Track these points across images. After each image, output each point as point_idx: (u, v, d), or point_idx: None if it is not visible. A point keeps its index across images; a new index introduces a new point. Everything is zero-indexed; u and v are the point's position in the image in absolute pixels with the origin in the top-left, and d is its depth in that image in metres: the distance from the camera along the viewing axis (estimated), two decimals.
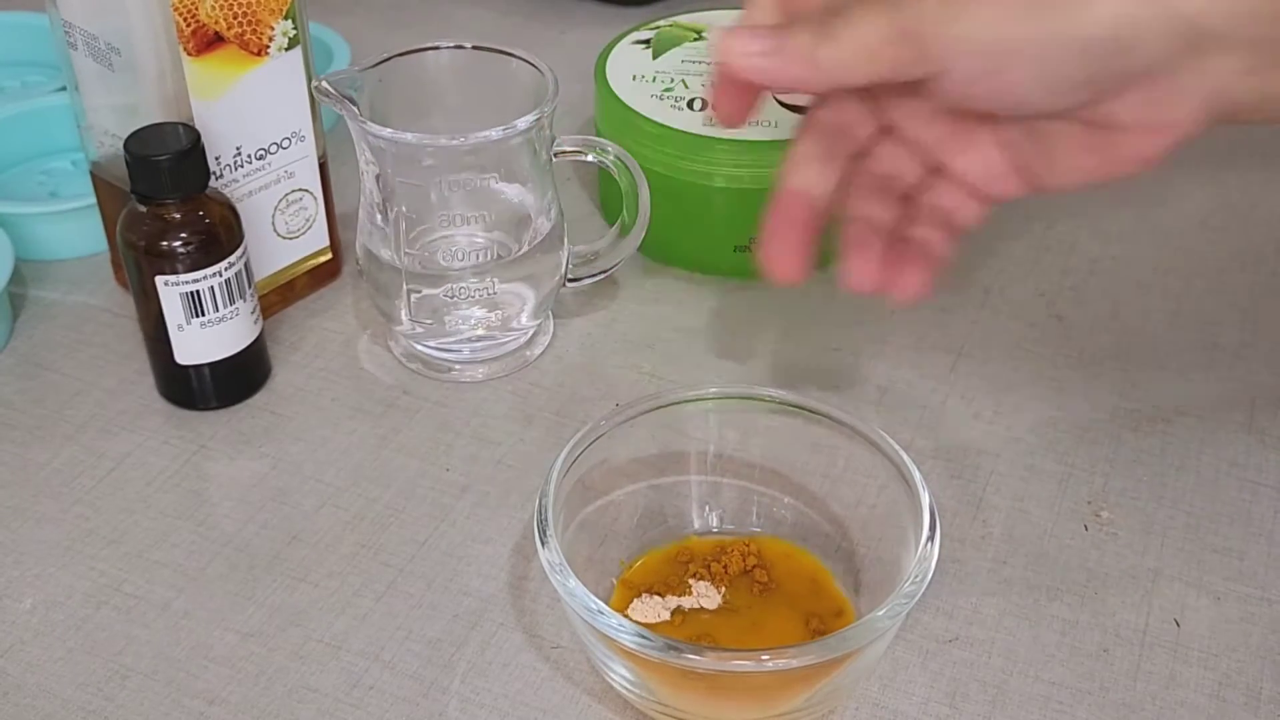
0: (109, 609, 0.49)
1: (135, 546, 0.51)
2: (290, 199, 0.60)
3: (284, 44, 0.56)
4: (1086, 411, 0.57)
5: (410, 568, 0.50)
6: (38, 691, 0.46)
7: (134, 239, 0.52)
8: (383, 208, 0.55)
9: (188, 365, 0.55)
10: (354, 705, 0.45)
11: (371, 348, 0.60)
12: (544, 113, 0.53)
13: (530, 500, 0.52)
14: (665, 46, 0.68)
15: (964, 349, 0.60)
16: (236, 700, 0.45)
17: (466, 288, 0.56)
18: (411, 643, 0.47)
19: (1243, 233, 0.68)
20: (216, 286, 0.53)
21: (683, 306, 0.63)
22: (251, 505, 0.53)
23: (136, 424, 0.56)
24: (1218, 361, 0.60)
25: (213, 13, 0.53)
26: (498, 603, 0.49)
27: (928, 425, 0.56)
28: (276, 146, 0.58)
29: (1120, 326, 0.62)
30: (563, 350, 0.60)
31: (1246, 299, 0.63)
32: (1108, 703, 0.45)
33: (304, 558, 0.51)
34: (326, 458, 0.55)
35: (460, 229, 0.56)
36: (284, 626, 0.48)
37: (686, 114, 0.63)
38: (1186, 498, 0.53)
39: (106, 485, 0.54)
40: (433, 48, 0.57)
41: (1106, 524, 0.52)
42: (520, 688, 0.46)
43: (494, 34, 0.75)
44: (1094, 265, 0.65)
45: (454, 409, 0.57)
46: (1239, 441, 0.55)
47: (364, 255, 0.57)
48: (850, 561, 0.48)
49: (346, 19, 0.84)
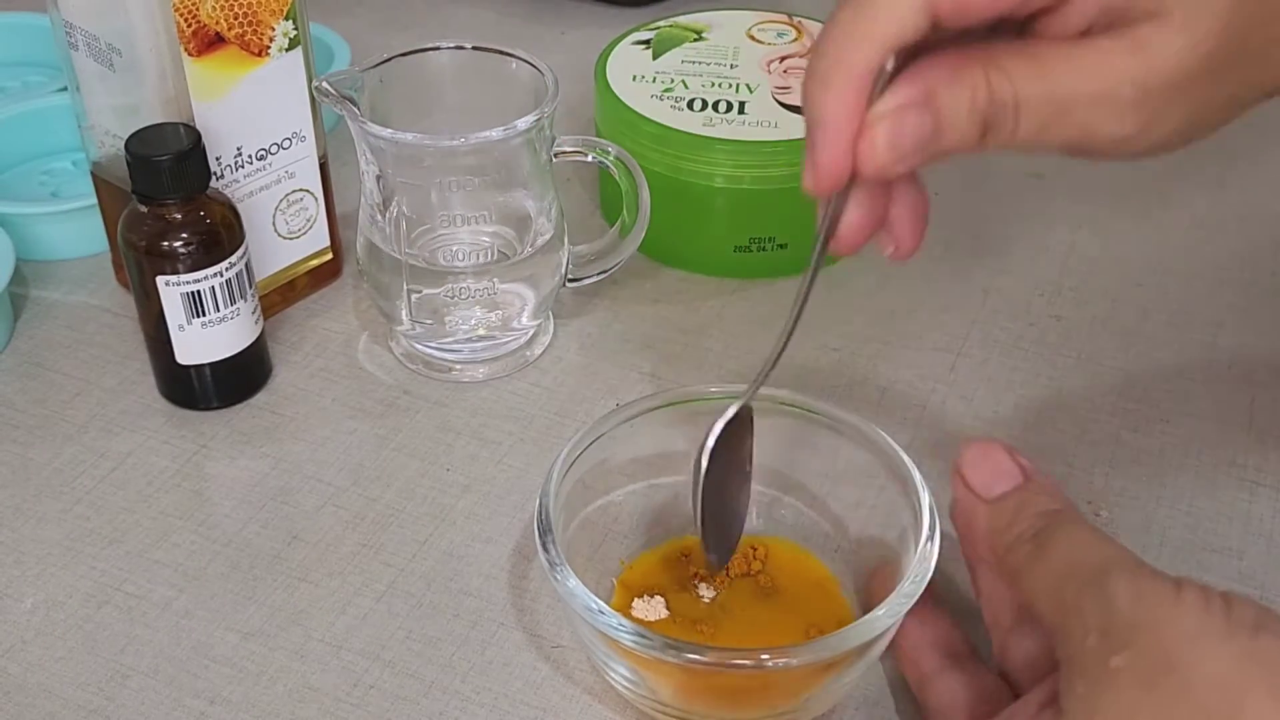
0: (110, 608, 0.49)
1: (136, 546, 0.51)
2: (291, 199, 0.60)
3: (285, 44, 0.56)
4: (1086, 411, 0.57)
5: (410, 567, 0.50)
6: (39, 691, 0.46)
7: (135, 239, 0.52)
8: (383, 208, 0.55)
9: (188, 365, 0.55)
10: (355, 704, 0.45)
11: (372, 348, 0.61)
12: (544, 113, 0.53)
13: (530, 500, 0.53)
14: (665, 46, 0.68)
15: (964, 349, 0.60)
16: (237, 700, 0.45)
17: (467, 288, 0.56)
18: (412, 642, 0.48)
19: (1243, 233, 0.68)
20: (217, 286, 0.53)
21: (683, 306, 0.63)
22: (252, 505, 0.53)
23: (137, 424, 0.56)
24: (1218, 361, 0.60)
25: (213, 13, 0.53)
26: (498, 603, 0.49)
27: (928, 425, 0.56)
28: (277, 147, 0.58)
29: (1120, 326, 0.62)
30: (563, 350, 0.60)
31: (1246, 299, 0.63)
32: None
33: (305, 557, 0.51)
34: (327, 457, 0.55)
35: (460, 229, 0.56)
36: (285, 626, 0.48)
37: (686, 114, 0.63)
38: (1186, 497, 0.53)
39: (107, 485, 0.54)
40: (433, 48, 0.57)
41: (1106, 523, 0.52)
42: (520, 687, 0.46)
43: (494, 34, 0.75)
44: (1094, 265, 0.65)
45: (454, 409, 0.57)
46: (1239, 441, 0.55)
47: (364, 255, 0.57)
48: (849, 562, 0.48)
49: (347, 19, 0.84)
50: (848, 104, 0.35)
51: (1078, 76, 0.36)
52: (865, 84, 0.35)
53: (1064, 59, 0.36)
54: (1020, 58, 0.36)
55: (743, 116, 0.63)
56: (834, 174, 0.36)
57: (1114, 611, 0.33)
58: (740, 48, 0.68)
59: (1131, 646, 0.33)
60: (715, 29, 0.70)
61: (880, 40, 0.35)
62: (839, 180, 0.36)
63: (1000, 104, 0.36)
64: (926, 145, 0.36)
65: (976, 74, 0.36)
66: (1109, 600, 0.34)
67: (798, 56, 0.68)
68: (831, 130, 0.35)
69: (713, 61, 0.67)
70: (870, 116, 0.35)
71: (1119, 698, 0.32)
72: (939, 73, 0.36)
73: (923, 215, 0.39)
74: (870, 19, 0.35)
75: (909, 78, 0.35)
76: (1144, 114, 0.36)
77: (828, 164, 0.36)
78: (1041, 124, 0.36)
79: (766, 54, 0.68)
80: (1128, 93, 0.36)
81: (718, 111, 0.63)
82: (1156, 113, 0.36)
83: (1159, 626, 0.33)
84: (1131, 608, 0.33)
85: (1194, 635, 0.32)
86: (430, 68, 0.57)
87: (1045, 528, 0.38)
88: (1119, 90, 0.36)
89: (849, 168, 0.36)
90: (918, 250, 0.39)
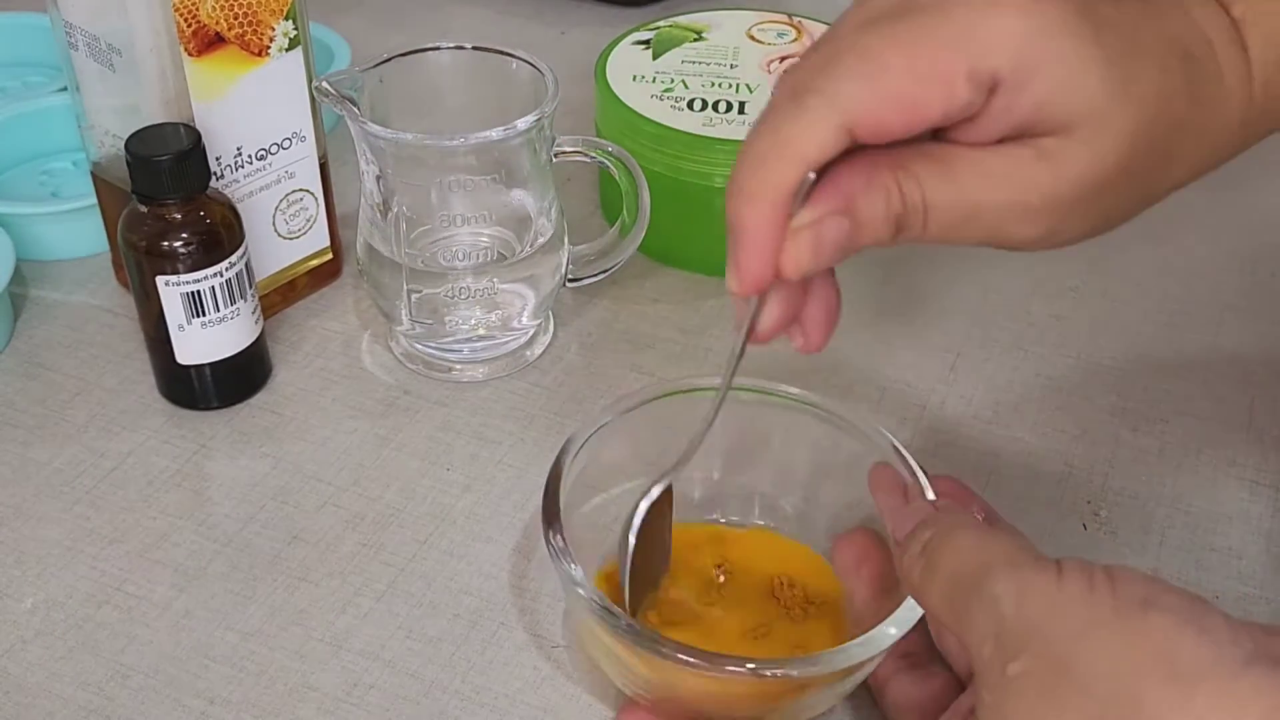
0: (110, 608, 0.49)
1: (136, 546, 0.51)
2: (291, 199, 0.60)
3: (284, 44, 0.56)
4: (1086, 411, 0.57)
5: (410, 567, 0.50)
6: (39, 691, 0.46)
7: (135, 239, 0.52)
8: (383, 208, 0.55)
9: (188, 365, 0.55)
10: (355, 704, 0.45)
11: (372, 348, 0.61)
12: (544, 113, 0.54)
13: (530, 500, 0.53)
14: (665, 47, 0.68)
15: (964, 349, 0.60)
16: (237, 699, 0.45)
17: (467, 288, 0.56)
18: (412, 642, 0.48)
19: (1243, 233, 0.68)
20: (217, 286, 0.53)
21: (683, 306, 0.63)
22: (252, 505, 0.53)
23: (137, 424, 0.56)
24: (1217, 361, 0.60)
25: (213, 13, 0.53)
26: (498, 602, 0.49)
27: (927, 425, 0.56)
28: (277, 147, 0.58)
29: (1120, 327, 0.62)
30: (563, 350, 0.60)
31: (1246, 299, 0.63)
32: None
33: (305, 557, 0.51)
34: (327, 457, 0.55)
35: (461, 229, 0.56)
36: (285, 626, 0.48)
37: (686, 114, 0.63)
38: (1186, 498, 0.53)
39: (107, 485, 0.54)
40: (433, 48, 0.57)
41: (1106, 523, 0.52)
42: (520, 687, 0.46)
43: (494, 34, 0.75)
44: (1094, 265, 0.65)
45: (454, 409, 0.57)
46: (1238, 441, 0.55)
47: (364, 255, 0.57)
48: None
49: (347, 19, 0.84)
50: (770, 219, 0.37)
51: (986, 183, 0.37)
52: (787, 200, 0.37)
53: (973, 166, 0.37)
54: (931, 163, 0.37)
55: (743, 117, 0.63)
56: (758, 279, 0.38)
57: (1001, 616, 0.33)
58: (740, 48, 0.68)
59: (1025, 651, 0.32)
60: (715, 29, 0.70)
61: (800, 161, 0.36)
62: (761, 286, 0.38)
63: (911, 207, 0.37)
64: (844, 247, 0.37)
65: (889, 180, 0.37)
66: (994, 604, 0.33)
67: (798, 57, 0.67)
68: (756, 242, 0.37)
69: (713, 61, 0.67)
70: (793, 227, 0.37)
71: (1020, 705, 0.32)
72: (855, 180, 0.37)
73: (834, 313, 0.41)
74: (790, 140, 0.36)
75: (828, 188, 0.37)
76: (1051, 219, 0.38)
77: (751, 271, 0.37)
78: (950, 225, 0.38)
79: (766, 54, 0.68)
80: (1034, 200, 0.37)
81: (718, 112, 0.63)
82: (1063, 218, 0.38)
83: (1046, 625, 0.32)
84: (1017, 609, 0.33)
85: (1082, 628, 0.32)
86: (430, 68, 0.57)
87: (930, 541, 0.37)
88: (1026, 198, 0.37)
89: (771, 274, 0.37)
90: (824, 345, 0.41)
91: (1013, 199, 0.37)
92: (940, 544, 0.37)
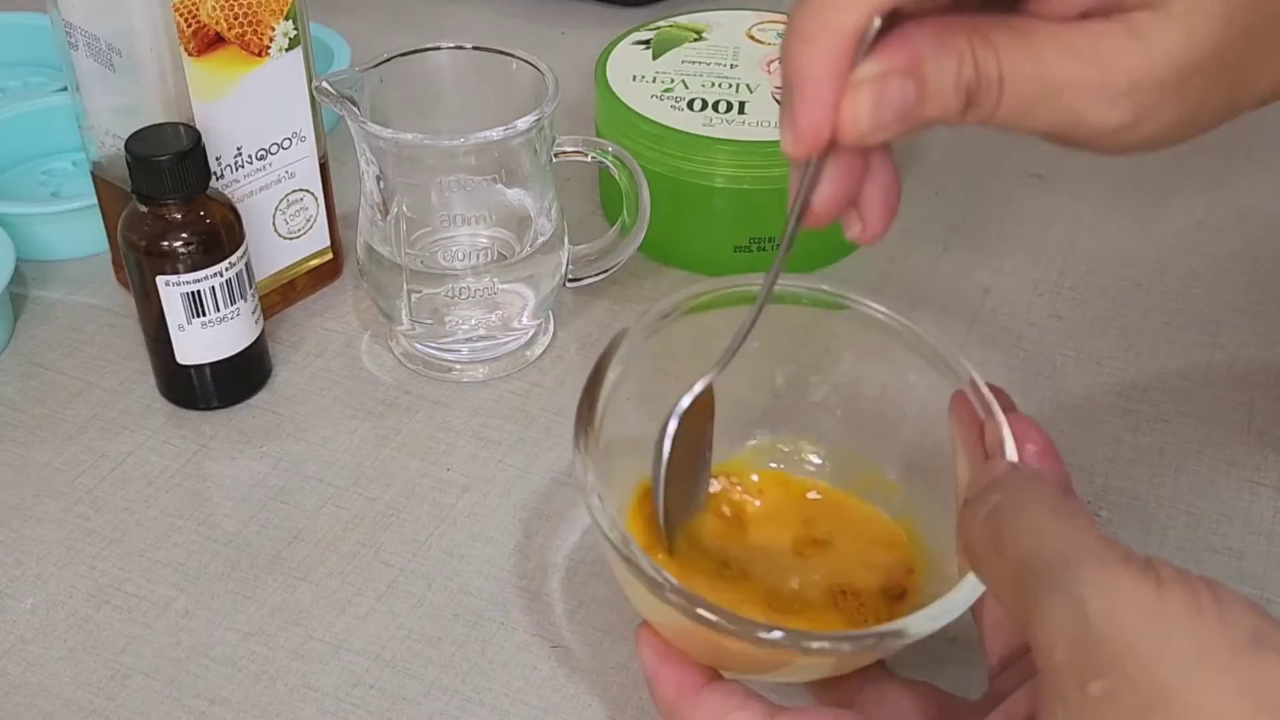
0: (110, 608, 0.49)
1: (136, 546, 0.51)
2: (291, 199, 0.60)
3: (285, 44, 0.56)
4: (1087, 411, 0.57)
5: (411, 567, 0.50)
6: (39, 691, 0.46)
7: (135, 239, 0.53)
8: (383, 208, 0.55)
9: (189, 365, 0.55)
10: (355, 704, 0.45)
11: (372, 348, 0.61)
12: (544, 113, 0.54)
13: (530, 499, 0.53)
14: (665, 47, 0.68)
15: (964, 349, 0.60)
16: (237, 699, 0.45)
17: (467, 288, 0.56)
18: (412, 642, 0.48)
19: (1243, 233, 0.68)
20: (217, 286, 0.53)
21: None
22: (252, 505, 0.53)
23: (137, 424, 0.56)
24: (1218, 361, 0.60)
25: (214, 13, 0.53)
26: (498, 602, 0.49)
27: None
28: (277, 147, 0.58)
29: (1120, 326, 0.62)
30: (563, 350, 0.60)
31: (1246, 299, 0.63)
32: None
33: (305, 557, 0.51)
34: (327, 457, 0.55)
35: (461, 229, 0.56)
36: (285, 626, 0.48)
37: (686, 114, 0.63)
38: (1186, 497, 0.53)
39: (107, 485, 0.54)
40: (433, 48, 0.57)
41: (1106, 523, 0.52)
42: (520, 687, 0.46)
43: (494, 34, 0.75)
44: (1094, 265, 0.65)
45: (454, 409, 0.57)
46: (1239, 441, 0.55)
47: (365, 255, 0.57)
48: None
49: (347, 19, 0.84)
50: (832, 64, 0.33)
51: (1069, 59, 0.34)
52: (851, 44, 0.33)
53: (1055, 40, 0.34)
54: (1009, 33, 0.34)
55: (743, 116, 0.63)
56: (814, 136, 0.34)
57: (1086, 622, 0.29)
58: (740, 48, 0.68)
59: (1114, 671, 0.29)
60: (715, 29, 0.70)
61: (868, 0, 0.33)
62: (818, 143, 0.34)
63: (985, 78, 0.34)
64: (909, 114, 0.34)
65: (963, 45, 0.34)
66: (1078, 606, 0.30)
67: None
68: (813, 90, 0.33)
69: (713, 61, 0.67)
70: (854, 80, 0.33)
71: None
72: (924, 40, 0.33)
73: (894, 197, 0.38)
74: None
75: (894, 43, 0.33)
76: (1136, 105, 0.35)
77: (808, 125, 0.34)
78: (1026, 104, 0.35)
79: (766, 54, 0.68)
80: (1120, 80, 0.34)
81: (718, 111, 0.63)
82: (1149, 106, 0.35)
83: (1144, 647, 0.29)
84: (1106, 617, 0.29)
85: (1189, 661, 0.28)
86: (430, 68, 0.57)
87: (999, 507, 0.33)
88: (1112, 77, 0.34)
89: (829, 130, 0.34)
90: (885, 233, 0.38)
91: (1097, 78, 0.34)
92: (1011, 516, 0.33)
